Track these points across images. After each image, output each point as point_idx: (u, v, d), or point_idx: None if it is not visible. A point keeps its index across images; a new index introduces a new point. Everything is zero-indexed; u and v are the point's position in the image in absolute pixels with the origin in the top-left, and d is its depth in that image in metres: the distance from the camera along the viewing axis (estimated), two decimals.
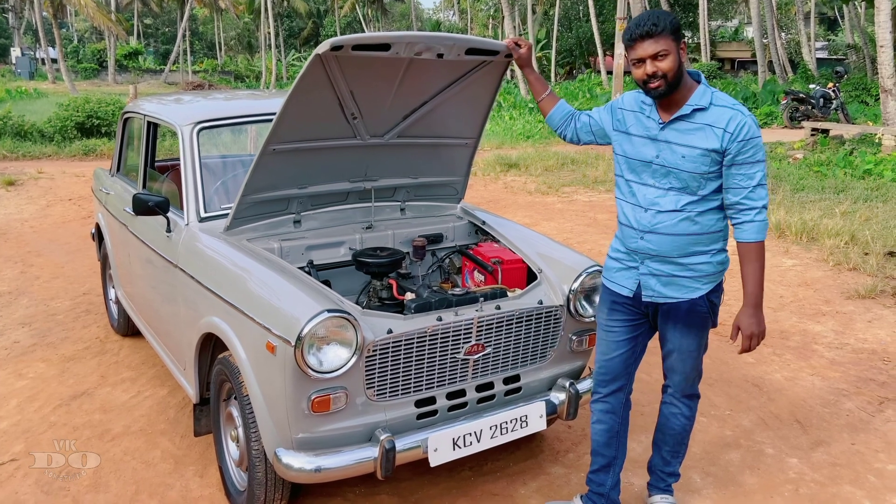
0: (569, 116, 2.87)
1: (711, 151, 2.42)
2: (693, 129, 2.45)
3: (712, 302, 2.65)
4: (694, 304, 2.60)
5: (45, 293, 5.76)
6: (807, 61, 27.42)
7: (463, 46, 2.80)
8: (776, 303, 5.59)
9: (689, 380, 2.79)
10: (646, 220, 2.56)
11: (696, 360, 2.75)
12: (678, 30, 2.41)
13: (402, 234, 3.51)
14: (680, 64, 2.41)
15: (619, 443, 2.86)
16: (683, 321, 2.64)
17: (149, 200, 3.29)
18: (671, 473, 2.93)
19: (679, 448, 2.90)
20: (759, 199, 2.44)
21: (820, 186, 9.74)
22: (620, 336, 2.75)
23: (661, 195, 2.53)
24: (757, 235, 2.47)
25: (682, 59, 2.43)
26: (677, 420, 2.84)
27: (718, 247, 2.58)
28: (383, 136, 3.22)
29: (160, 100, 4.35)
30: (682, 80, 2.45)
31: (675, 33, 2.39)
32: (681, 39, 2.42)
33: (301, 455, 2.55)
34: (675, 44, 2.40)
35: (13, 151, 12.86)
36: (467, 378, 2.84)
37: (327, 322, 2.46)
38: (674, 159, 2.48)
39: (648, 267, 2.60)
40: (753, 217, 2.45)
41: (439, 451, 2.68)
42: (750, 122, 2.41)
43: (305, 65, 2.64)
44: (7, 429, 3.65)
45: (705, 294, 2.60)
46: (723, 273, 2.63)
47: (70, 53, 45.10)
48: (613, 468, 2.85)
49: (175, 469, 3.31)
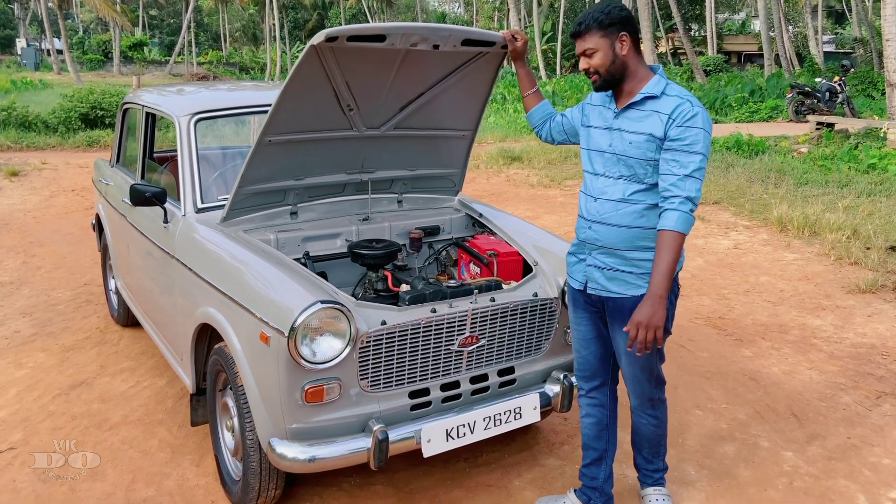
0: (547, 117, 2.90)
1: (655, 137, 2.41)
2: (643, 117, 2.46)
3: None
4: (638, 302, 2.49)
5: (47, 283, 5.79)
6: (814, 55, 27.26)
7: (458, 38, 2.79)
8: (776, 297, 5.58)
9: (639, 383, 2.69)
10: (594, 210, 2.57)
11: (647, 363, 2.63)
12: (612, 24, 2.41)
13: (398, 226, 3.51)
14: (614, 59, 2.44)
15: (610, 435, 2.85)
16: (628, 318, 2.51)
17: (146, 191, 3.30)
18: (657, 469, 2.91)
19: (657, 449, 2.87)
20: (687, 190, 2.35)
21: (824, 181, 9.70)
22: (587, 333, 2.75)
23: (611, 184, 2.53)
24: (675, 224, 2.35)
25: (621, 53, 2.44)
26: (647, 428, 2.81)
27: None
28: (380, 127, 3.22)
29: (160, 91, 4.35)
30: (625, 72, 2.47)
31: (605, 29, 2.42)
32: (618, 33, 2.42)
33: (295, 445, 2.56)
34: (607, 40, 2.43)
35: (17, 142, 12.89)
36: (461, 370, 2.84)
37: (321, 313, 2.46)
38: (623, 146, 2.49)
39: (595, 258, 2.60)
40: (677, 206, 2.35)
41: (432, 442, 2.69)
42: (696, 111, 2.38)
43: (301, 56, 2.64)
44: (6, 418, 3.67)
45: None
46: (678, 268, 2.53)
47: (75, 44, 45.15)
48: (605, 461, 2.85)
49: (172, 458, 3.33)
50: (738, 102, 20.22)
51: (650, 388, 2.72)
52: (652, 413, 2.77)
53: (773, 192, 9.02)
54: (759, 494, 3.08)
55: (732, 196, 8.94)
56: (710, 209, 8.53)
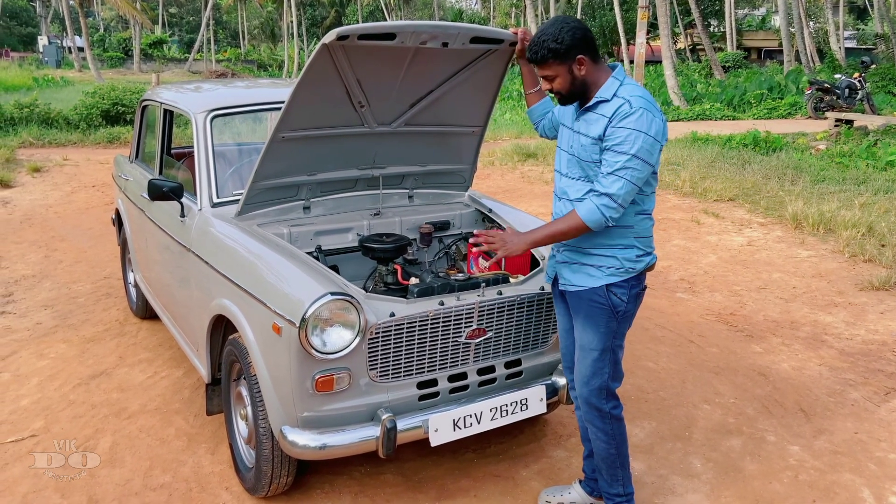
0: (545, 113, 2.95)
1: (598, 139, 2.46)
2: (594, 120, 2.49)
3: (615, 297, 2.55)
4: (594, 293, 2.55)
5: (68, 277, 5.92)
6: (834, 51, 26.97)
7: (467, 35, 2.84)
8: (788, 293, 5.58)
9: (583, 379, 2.65)
10: (559, 209, 2.65)
11: (595, 361, 2.61)
12: (568, 50, 2.43)
13: (409, 220, 3.58)
14: (573, 80, 2.49)
15: None
16: (583, 311, 2.59)
17: (163, 186, 3.39)
18: (617, 494, 2.75)
19: (614, 472, 2.72)
20: (605, 187, 2.39)
21: (841, 178, 9.64)
22: (564, 324, 2.81)
23: (571, 184, 2.60)
24: (582, 210, 2.43)
25: (580, 74, 2.47)
26: (596, 443, 2.71)
27: (626, 243, 2.54)
28: (391, 123, 3.28)
29: (178, 88, 4.45)
30: (585, 88, 2.51)
31: (562, 56, 2.44)
32: (575, 57, 2.44)
33: (306, 433, 2.64)
34: (564, 65, 2.46)
35: (39, 139, 13.09)
36: (469, 362, 2.90)
37: (331, 304, 2.53)
38: (578, 148, 2.55)
39: (563, 255, 2.67)
40: (592, 197, 2.43)
41: (440, 432, 2.75)
42: (633, 111, 2.37)
43: (313, 54, 2.71)
44: (28, 406, 3.78)
45: (605, 284, 2.55)
46: (632, 272, 2.56)
47: (96, 42, 45.68)
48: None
49: (188, 446, 3.42)
50: (756, 99, 20.08)
51: (596, 395, 2.65)
52: (601, 426, 2.68)
53: (789, 190, 8.98)
54: (763, 487, 3.11)
55: (748, 193, 8.91)
56: (724, 206, 8.51)
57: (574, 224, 2.46)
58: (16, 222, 7.73)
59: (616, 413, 2.70)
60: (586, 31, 2.49)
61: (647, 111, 2.40)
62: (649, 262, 2.61)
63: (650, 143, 2.39)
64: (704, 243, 7.02)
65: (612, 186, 2.39)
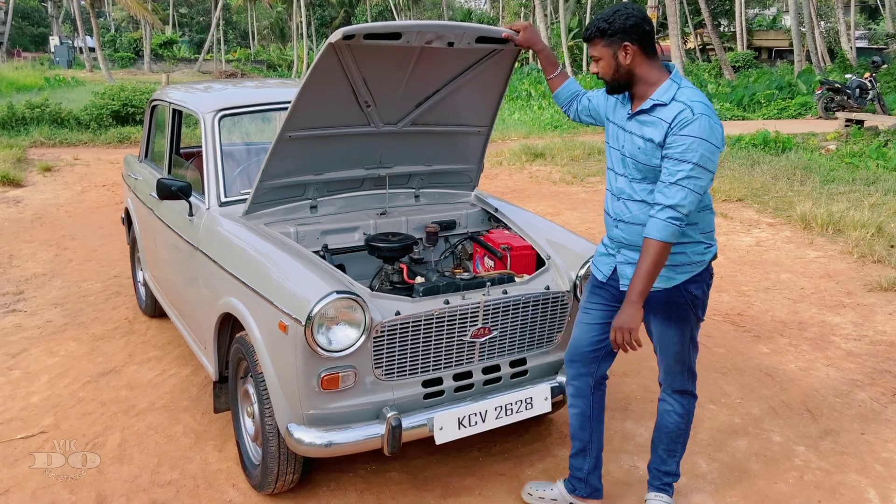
0: (574, 95, 2.90)
1: (657, 144, 2.43)
2: (650, 123, 2.47)
3: (692, 293, 2.60)
4: (671, 295, 2.58)
5: (78, 275, 5.97)
6: (845, 51, 26.82)
7: (473, 35, 2.86)
8: (796, 294, 5.57)
9: (672, 373, 2.76)
10: (618, 209, 2.62)
11: (680, 353, 2.70)
12: (615, 34, 2.43)
13: (415, 220, 3.59)
14: (617, 67, 2.48)
15: (593, 428, 2.86)
16: (662, 312, 2.63)
17: (172, 185, 3.42)
18: (668, 473, 2.87)
19: (675, 447, 2.85)
20: (669, 198, 2.37)
21: (851, 178, 9.59)
22: (595, 318, 2.77)
23: (629, 185, 2.57)
24: (654, 232, 2.40)
25: (624, 62, 2.47)
26: (670, 417, 2.82)
27: (691, 238, 2.55)
28: (397, 123, 3.30)
29: (187, 88, 4.48)
30: (631, 79, 2.50)
31: (608, 37, 2.45)
32: (621, 43, 2.44)
33: (312, 430, 2.66)
34: (610, 49, 2.46)
35: (50, 138, 13.19)
36: (474, 360, 2.92)
37: (336, 303, 2.55)
38: (632, 149, 2.53)
39: (624, 255, 2.64)
40: (656, 213, 2.40)
41: (445, 430, 2.76)
42: (694, 119, 2.35)
43: (318, 54, 2.73)
44: (38, 403, 3.82)
45: (681, 284, 2.57)
46: (702, 264, 2.59)
47: (107, 42, 45.93)
48: (589, 453, 2.87)
49: (196, 443, 3.44)
50: (766, 99, 19.98)
51: (682, 379, 2.76)
52: (679, 400, 2.79)
53: (798, 190, 8.94)
54: (769, 487, 3.11)
55: (756, 193, 8.88)
56: (733, 206, 8.49)
57: (655, 250, 2.40)
58: (27, 221, 7.80)
59: (693, 389, 2.81)
60: (641, 22, 2.45)
61: (708, 117, 2.37)
62: (714, 252, 2.64)
63: (711, 151, 2.36)
64: None
65: (675, 197, 2.36)
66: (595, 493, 2.90)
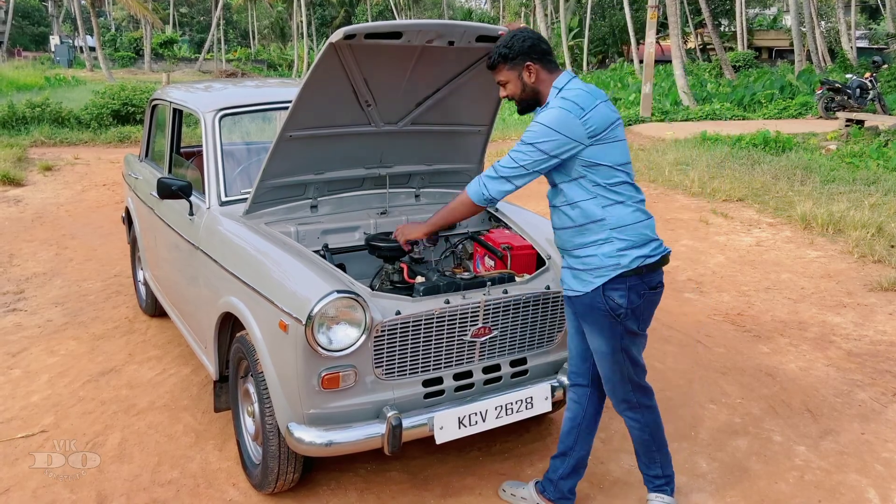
0: None
1: None
2: None
3: (613, 300, 2.54)
4: (592, 299, 2.57)
5: (78, 274, 5.97)
6: (846, 50, 26.79)
7: (473, 34, 2.86)
8: (797, 294, 5.57)
9: (611, 385, 2.72)
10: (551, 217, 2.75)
11: (613, 364, 2.65)
12: (516, 57, 2.58)
13: (416, 219, 3.58)
14: (524, 87, 2.62)
15: (580, 437, 2.85)
16: (587, 318, 2.64)
17: (172, 184, 3.42)
18: (656, 476, 2.83)
19: (651, 455, 2.80)
20: (498, 165, 2.57)
21: (851, 178, 9.58)
22: (572, 328, 2.82)
23: (549, 192, 2.72)
24: (469, 186, 2.65)
25: (529, 81, 2.61)
26: (631, 430, 2.81)
27: (602, 237, 2.54)
28: (397, 123, 3.30)
29: (187, 87, 4.48)
30: (538, 96, 2.64)
31: (511, 61, 2.59)
32: (523, 64, 2.58)
33: (312, 430, 2.65)
34: (514, 71, 2.61)
35: (51, 138, 13.20)
36: (474, 360, 2.92)
37: (337, 302, 2.55)
38: None
39: (564, 261, 2.72)
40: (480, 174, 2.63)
41: (445, 430, 2.76)
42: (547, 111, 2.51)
43: (319, 53, 2.73)
44: (38, 402, 3.82)
45: (601, 289, 2.55)
46: (618, 268, 2.53)
47: (107, 42, 45.93)
48: (568, 458, 2.87)
49: (196, 443, 3.45)
50: (766, 99, 19.98)
51: (623, 390, 2.71)
52: (632, 416, 2.75)
53: (798, 190, 8.94)
54: (769, 487, 3.11)
55: (757, 193, 8.88)
56: (733, 206, 8.49)
57: (459, 199, 2.69)
58: (27, 220, 7.80)
59: (645, 402, 2.74)
60: (537, 41, 2.61)
61: (562, 109, 2.48)
62: (641, 255, 2.55)
63: (546, 132, 2.48)
64: (713, 243, 7.01)
65: (501, 167, 2.56)
66: (562, 500, 2.88)
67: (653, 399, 2.78)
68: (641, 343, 2.69)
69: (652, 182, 10.02)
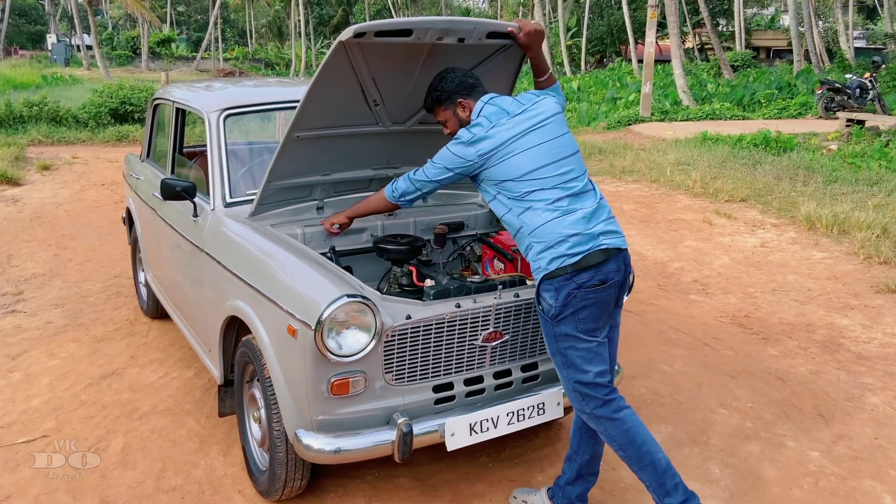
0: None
1: None
2: None
3: (544, 299, 2.53)
4: (535, 298, 2.62)
5: (78, 275, 5.91)
6: (844, 50, 26.79)
7: (483, 31, 2.81)
8: (803, 296, 5.52)
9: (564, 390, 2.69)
10: None
11: (557, 369, 2.63)
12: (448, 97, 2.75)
13: (423, 221, 3.54)
14: (460, 122, 2.77)
15: (581, 441, 2.77)
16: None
17: (176, 185, 3.36)
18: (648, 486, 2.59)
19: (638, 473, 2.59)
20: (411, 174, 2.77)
21: (853, 178, 9.54)
22: None
23: None
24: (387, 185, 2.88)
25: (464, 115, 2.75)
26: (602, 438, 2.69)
27: (526, 243, 2.59)
28: (405, 122, 3.25)
29: (189, 86, 4.42)
30: None
31: (444, 102, 2.77)
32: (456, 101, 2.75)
33: (321, 436, 2.60)
34: (449, 110, 2.78)
35: (49, 136, 13.13)
36: (485, 365, 2.86)
37: (347, 307, 2.49)
38: None
39: None
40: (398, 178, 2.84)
41: (456, 436, 2.71)
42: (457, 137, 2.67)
43: (329, 52, 2.67)
44: (39, 406, 3.76)
45: (538, 285, 2.57)
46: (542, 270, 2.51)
47: (104, 40, 45.74)
48: (572, 462, 2.81)
49: (200, 448, 3.39)
50: (766, 99, 19.95)
51: (574, 398, 2.61)
52: (595, 426, 2.62)
53: (801, 190, 8.90)
54: (783, 494, 3.07)
55: (759, 194, 8.84)
56: (736, 206, 8.45)
57: (378, 194, 2.92)
58: (26, 220, 7.73)
59: (600, 413, 2.55)
60: (463, 77, 2.76)
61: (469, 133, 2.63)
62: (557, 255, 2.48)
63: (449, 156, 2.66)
64: (717, 244, 6.96)
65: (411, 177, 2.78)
66: None
67: (619, 412, 2.55)
68: (588, 349, 2.53)
69: (654, 182, 9.99)
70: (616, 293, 2.58)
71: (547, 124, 2.63)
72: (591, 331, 2.54)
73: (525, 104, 2.68)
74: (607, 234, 2.54)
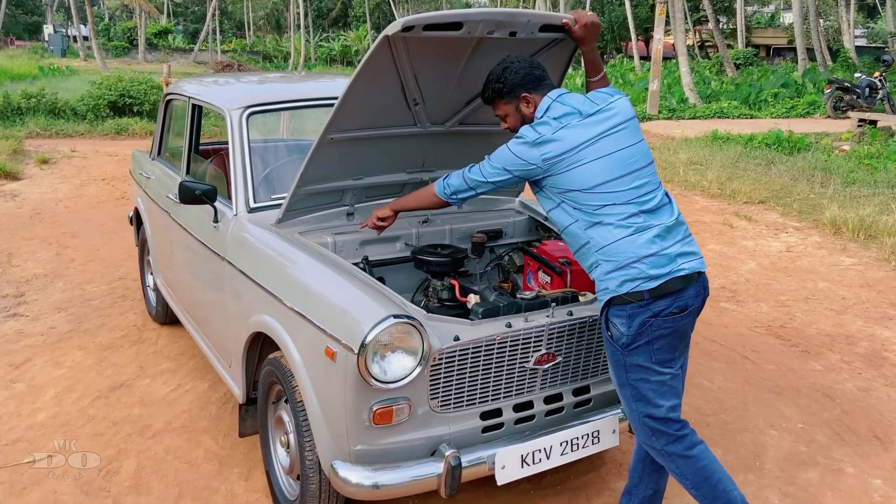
0: None
1: None
2: None
3: (614, 324, 2.33)
4: (601, 324, 2.42)
5: (81, 276, 5.65)
6: (847, 49, 26.58)
7: (537, 23, 2.58)
8: (839, 305, 5.31)
9: (631, 423, 2.48)
10: None
11: (623, 400, 2.44)
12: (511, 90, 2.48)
13: (459, 229, 3.31)
14: (522, 118, 2.51)
15: (644, 473, 2.59)
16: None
17: (196, 189, 3.12)
18: None
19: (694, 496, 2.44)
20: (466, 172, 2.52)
21: (872, 180, 9.33)
22: None
23: None
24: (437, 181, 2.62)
25: (528, 111, 2.50)
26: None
27: (592, 261, 2.37)
28: (444, 123, 3.02)
29: (207, 82, 4.16)
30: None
31: (506, 95, 2.50)
32: (520, 95, 2.48)
33: (359, 469, 2.37)
34: (511, 104, 2.51)
35: (47, 129, 12.83)
36: (535, 389, 2.63)
37: (392, 328, 2.26)
38: None
39: None
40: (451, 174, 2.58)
41: (507, 468, 2.48)
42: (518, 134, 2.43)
43: (372, 47, 2.44)
44: (45, 421, 3.52)
45: (605, 309, 2.37)
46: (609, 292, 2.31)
47: (101, 31, 45.20)
48: (632, 497, 2.63)
49: (219, 471, 3.16)
50: (773, 97, 19.73)
51: (642, 433, 2.42)
52: (665, 465, 2.45)
53: (820, 192, 8.69)
54: None
55: (778, 195, 8.63)
56: (755, 208, 8.24)
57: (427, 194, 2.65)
58: (25, 217, 7.46)
59: (672, 450, 2.37)
60: (530, 69, 2.49)
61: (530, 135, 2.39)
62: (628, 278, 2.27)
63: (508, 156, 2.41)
64: (741, 248, 6.75)
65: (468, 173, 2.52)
66: None
67: (692, 448, 2.37)
68: (661, 382, 2.33)
69: (668, 182, 9.76)
70: (694, 320, 2.36)
71: (621, 129, 2.39)
72: (665, 361, 2.32)
73: (599, 104, 2.42)
74: (685, 256, 2.32)
